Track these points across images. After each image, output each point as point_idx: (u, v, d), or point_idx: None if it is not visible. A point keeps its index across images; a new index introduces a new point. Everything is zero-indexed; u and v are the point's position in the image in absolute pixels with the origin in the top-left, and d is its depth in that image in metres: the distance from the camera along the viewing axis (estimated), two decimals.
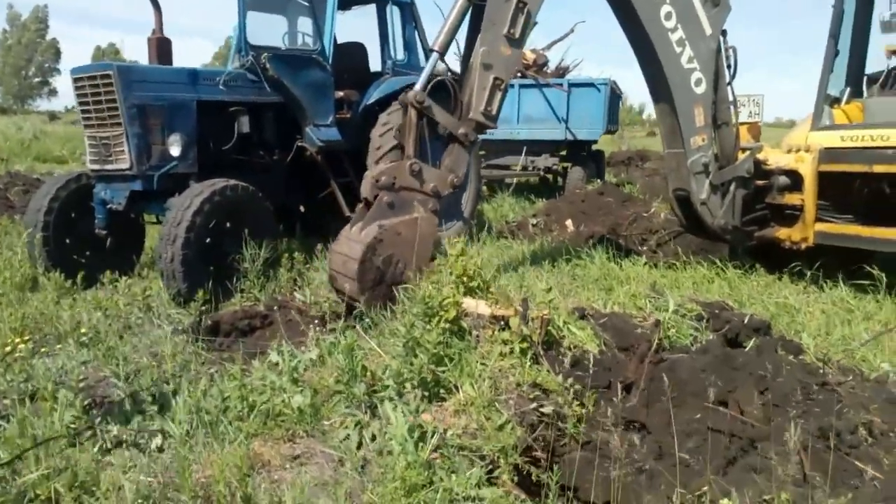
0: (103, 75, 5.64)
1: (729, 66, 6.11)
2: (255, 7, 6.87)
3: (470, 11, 5.02)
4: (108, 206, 6.02)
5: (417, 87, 4.84)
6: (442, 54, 5.02)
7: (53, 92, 78.26)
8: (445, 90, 5.14)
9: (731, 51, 6.07)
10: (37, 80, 77.11)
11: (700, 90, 5.92)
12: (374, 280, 4.52)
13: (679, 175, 6.15)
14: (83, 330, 4.33)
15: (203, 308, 4.84)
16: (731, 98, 6.24)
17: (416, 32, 7.99)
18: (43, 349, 4.13)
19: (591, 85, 12.32)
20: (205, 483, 2.61)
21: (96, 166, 5.94)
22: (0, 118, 36.19)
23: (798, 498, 2.38)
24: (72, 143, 19.67)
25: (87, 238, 6.19)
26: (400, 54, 7.93)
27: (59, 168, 15.59)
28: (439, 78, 5.00)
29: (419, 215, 4.73)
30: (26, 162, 16.13)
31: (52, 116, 41.09)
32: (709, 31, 5.91)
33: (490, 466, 2.85)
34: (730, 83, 6.16)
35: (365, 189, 4.77)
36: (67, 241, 6.12)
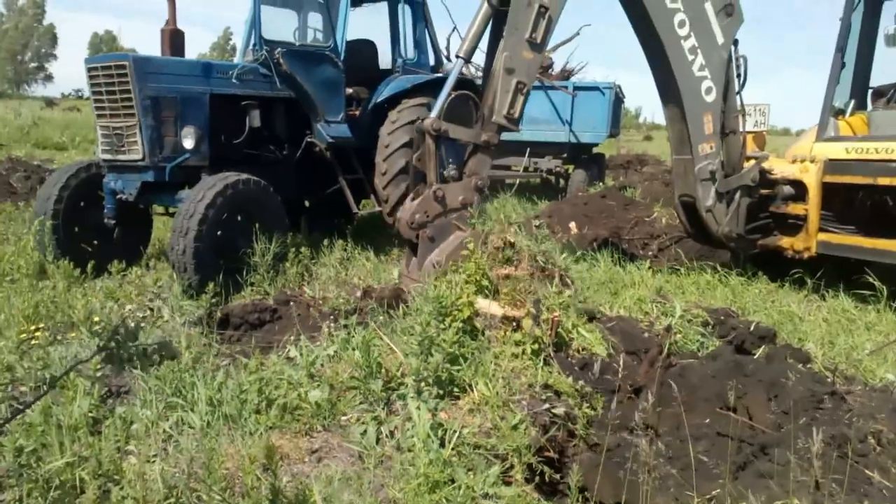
0: (118, 66, 5.65)
1: (738, 76, 6.18)
2: (269, 2, 6.90)
3: (492, 18, 5.07)
4: (118, 196, 6.03)
5: (434, 113, 4.89)
6: (467, 60, 5.09)
7: (49, 77, 78.03)
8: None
9: (741, 60, 6.14)
10: (33, 65, 76.84)
11: (710, 98, 5.99)
12: None
13: (686, 181, 6.22)
14: (96, 319, 4.34)
15: (213, 301, 4.86)
16: (738, 107, 6.31)
17: (427, 31, 8.04)
18: (57, 337, 4.16)
19: (595, 89, 12.39)
20: (228, 474, 2.65)
21: (108, 156, 5.95)
22: None
23: None
24: (70, 130, 19.62)
25: (95, 227, 6.21)
26: (410, 52, 7.97)
27: (60, 155, 15.55)
28: (453, 95, 5.04)
29: (461, 234, 4.80)
30: (25, 148, 16.05)
31: (49, 102, 40.78)
32: (721, 40, 5.98)
33: (505, 466, 2.90)
34: (739, 92, 6.24)
35: (403, 232, 4.89)
36: (76, 229, 6.14)
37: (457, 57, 5.07)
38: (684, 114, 5.95)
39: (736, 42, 6.11)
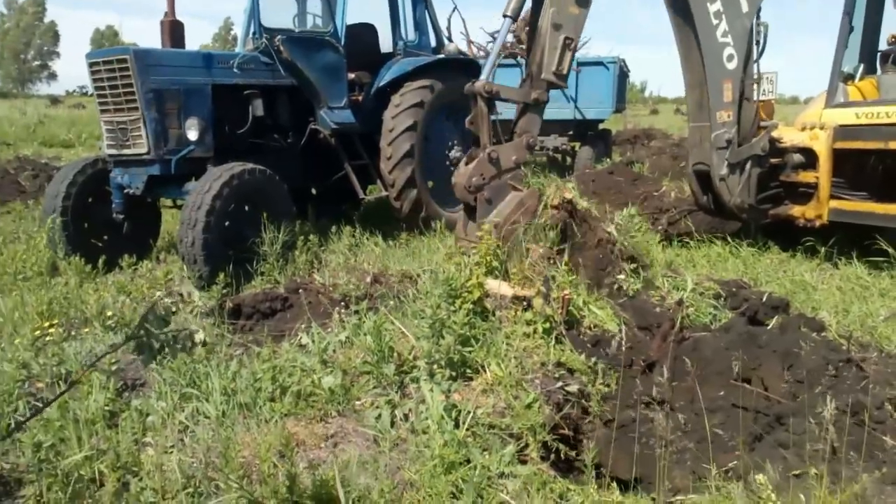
0: (120, 59, 5.63)
1: (757, 43, 6.12)
2: None
3: None
4: (126, 191, 6.04)
5: (484, 75, 4.88)
6: (514, 19, 5.07)
7: (53, 75, 78.21)
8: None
9: (761, 27, 6.09)
10: (36, 63, 77.00)
11: (731, 66, 5.96)
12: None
13: (702, 149, 6.18)
14: (109, 313, 4.37)
15: (224, 291, 4.87)
16: (755, 75, 6.24)
17: (427, 13, 7.96)
18: (71, 333, 4.19)
19: (600, 64, 12.24)
20: (245, 462, 2.67)
21: (113, 151, 5.95)
22: (1, 103, 36.08)
23: (828, 473, 2.43)
24: (76, 127, 19.65)
25: (104, 223, 6.22)
26: (411, 35, 7.90)
27: (66, 152, 15.60)
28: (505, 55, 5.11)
29: (518, 194, 4.87)
30: (32, 146, 16.11)
31: (54, 100, 40.86)
32: (745, 8, 5.94)
33: (520, 444, 2.91)
34: (756, 60, 6.17)
35: (461, 195, 4.93)
36: (86, 225, 6.15)
37: (504, 16, 5.04)
38: (705, 79, 5.92)
39: (758, 10, 6.04)
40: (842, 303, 4.87)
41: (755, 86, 6.22)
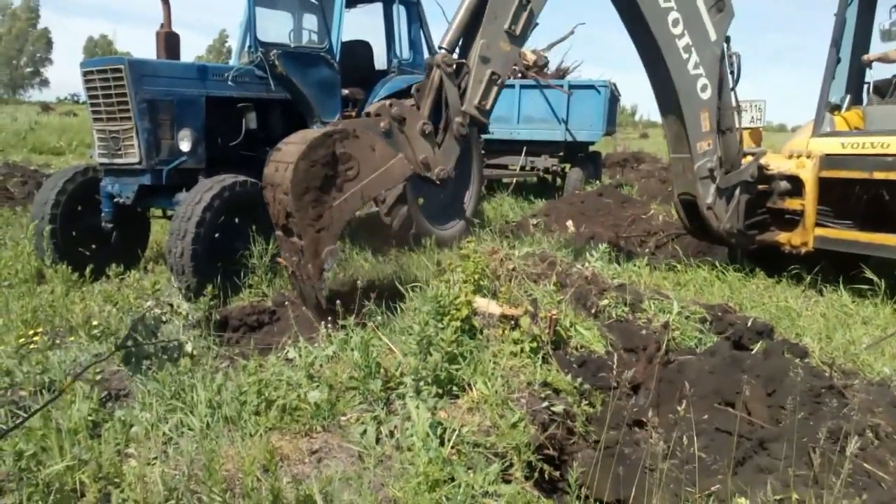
0: (114, 69, 5.65)
1: (732, 72, 6.19)
2: (263, 3, 6.89)
3: (476, 7, 4.84)
4: (116, 200, 6.04)
5: (443, 52, 4.69)
6: (450, 51, 4.85)
7: (45, 82, 78.07)
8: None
9: (734, 57, 6.15)
10: (28, 70, 76.84)
11: (706, 96, 6.00)
12: (319, 169, 4.03)
13: (685, 180, 6.24)
14: (95, 323, 4.35)
15: (212, 303, 4.85)
16: (734, 104, 6.32)
17: (422, 31, 8.04)
18: (56, 341, 4.16)
19: (591, 87, 12.37)
20: (228, 476, 2.65)
21: (105, 160, 5.95)
22: None
23: (809, 499, 2.44)
24: (68, 135, 19.59)
25: (92, 231, 6.22)
26: (405, 53, 7.97)
27: (56, 159, 15.55)
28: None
29: (393, 154, 4.42)
30: (22, 153, 16.05)
31: (45, 107, 40.71)
32: (713, 36, 5.98)
33: (504, 464, 2.91)
34: (733, 89, 6.24)
35: (373, 107, 4.61)
36: (74, 234, 6.14)
37: (439, 48, 4.85)
38: (681, 113, 5.95)
39: (728, 39, 6.12)
40: (825, 329, 4.92)
41: (735, 114, 6.29)
